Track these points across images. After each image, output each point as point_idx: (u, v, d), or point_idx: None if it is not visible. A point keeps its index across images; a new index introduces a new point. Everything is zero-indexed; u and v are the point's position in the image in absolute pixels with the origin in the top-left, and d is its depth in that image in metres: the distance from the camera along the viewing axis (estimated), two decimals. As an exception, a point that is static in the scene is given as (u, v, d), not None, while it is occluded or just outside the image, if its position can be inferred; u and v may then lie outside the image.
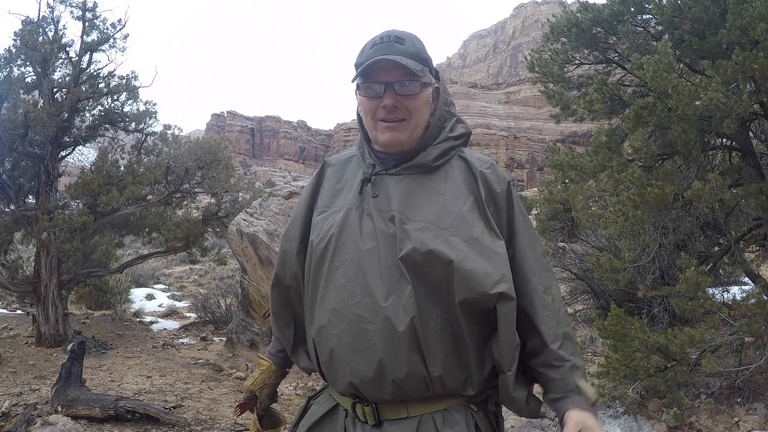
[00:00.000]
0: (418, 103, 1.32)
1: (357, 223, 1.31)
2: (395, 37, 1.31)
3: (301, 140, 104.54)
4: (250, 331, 7.21)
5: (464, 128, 1.43)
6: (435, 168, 1.35)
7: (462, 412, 1.27)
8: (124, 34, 8.53)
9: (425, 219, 1.27)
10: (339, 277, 1.29)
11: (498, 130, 75.57)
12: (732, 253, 4.14)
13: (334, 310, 1.28)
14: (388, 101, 1.30)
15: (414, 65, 1.28)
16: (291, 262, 1.45)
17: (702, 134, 3.59)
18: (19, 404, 4.76)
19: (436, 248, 1.21)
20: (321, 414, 1.37)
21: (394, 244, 1.26)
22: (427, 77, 1.33)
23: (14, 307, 10.89)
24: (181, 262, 19.75)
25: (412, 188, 1.32)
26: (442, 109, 1.39)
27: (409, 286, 1.22)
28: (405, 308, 1.21)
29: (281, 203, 6.98)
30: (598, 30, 4.27)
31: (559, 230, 10.29)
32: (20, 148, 7.34)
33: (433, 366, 1.23)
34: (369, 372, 1.23)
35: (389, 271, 1.24)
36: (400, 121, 1.31)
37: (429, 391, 1.25)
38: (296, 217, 1.48)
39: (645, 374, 3.64)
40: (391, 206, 1.30)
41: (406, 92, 1.30)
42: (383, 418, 1.27)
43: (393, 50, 1.29)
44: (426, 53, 1.35)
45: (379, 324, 1.22)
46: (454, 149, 1.38)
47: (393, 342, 1.21)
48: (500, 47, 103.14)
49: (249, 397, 1.63)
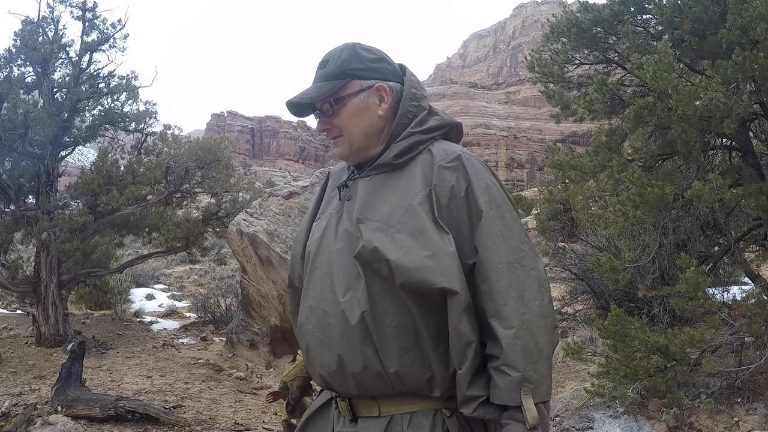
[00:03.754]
0: (342, 118, 1.38)
1: (334, 227, 1.38)
2: (322, 62, 1.40)
3: (301, 140, 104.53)
4: (250, 331, 7.21)
5: (438, 120, 1.39)
6: (399, 165, 1.35)
7: (429, 416, 1.25)
8: (124, 34, 8.53)
9: (379, 218, 1.30)
10: (316, 277, 1.37)
11: (498, 130, 75.54)
12: (732, 253, 4.13)
13: (310, 307, 1.36)
14: (319, 126, 1.43)
15: (316, 91, 1.36)
16: (297, 265, 1.52)
17: (702, 134, 3.59)
18: (19, 404, 4.76)
19: (379, 246, 1.25)
20: (319, 404, 1.43)
21: (352, 243, 1.31)
22: (350, 87, 1.36)
23: (14, 307, 10.88)
24: (181, 262, 19.76)
25: (375, 188, 1.36)
26: (408, 104, 1.38)
27: (362, 282, 1.27)
28: (359, 303, 1.26)
29: (281, 203, 6.98)
30: (598, 30, 4.27)
31: (559, 230, 10.28)
32: (20, 148, 7.33)
33: (389, 361, 1.23)
34: (332, 365, 1.29)
35: (349, 268, 1.30)
36: (338, 137, 1.40)
37: (390, 388, 1.26)
38: (303, 224, 1.56)
39: (645, 374, 3.64)
40: (355, 208, 1.35)
41: (327, 114, 1.39)
42: (358, 414, 1.31)
43: (316, 78, 1.40)
44: (354, 62, 1.36)
45: (337, 318, 1.28)
46: (422, 143, 1.36)
47: (348, 336, 1.26)
48: (500, 47, 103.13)
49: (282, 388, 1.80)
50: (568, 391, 4.34)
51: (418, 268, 1.21)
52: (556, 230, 10.27)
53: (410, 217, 1.26)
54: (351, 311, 1.26)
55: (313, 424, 1.42)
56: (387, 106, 1.38)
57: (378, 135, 1.39)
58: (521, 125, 76.14)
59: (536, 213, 11.30)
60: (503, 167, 72.08)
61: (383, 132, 1.39)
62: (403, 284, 1.22)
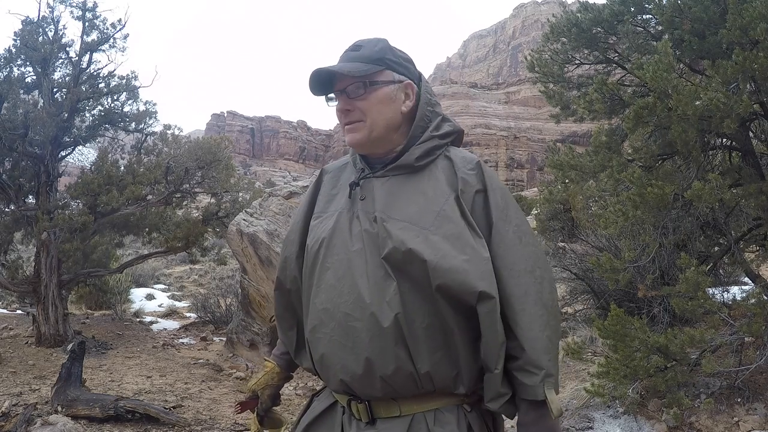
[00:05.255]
0: (370, 102, 1.35)
1: (347, 226, 1.35)
2: (355, 46, 1.39)
3: (301, 140, 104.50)
4: (250, 331, 7.21)
5: (451, 126, 1.43)
6: (419, 168, 1.37)
7: (454, 411, 1.28)
8: (124, 34, 8.55)
9: (406, 218, 1.29)
10: (329, 278, 1.33)
11: (498, 130, 75.54)
12: (732, 253, 4.13)
13: (324, 310, 1.31)
14: (340, 106, 1.38)
15: (353, 67, 1.33)
16: (291, 266, 1.49)
17: (702, 134, 3.58)
18: (19, 404, 4.76)
19: (414, 247, 1.24)
20: (320, 410, 1.40)
21: (377, 243, 1.29)
22: (384, 75, 1.36)
23: (14, 307, 10.88)
24: (181, 262, 19.77)
25: (396, 189, 1.35)
26: (425, 109, 1.41)
27: (393, 283, 1.25)
28: (390, 305, 1.24)
29: (281, 203, 6.98)
30: (598, 30, 4.27)
31: (559, 230, 10.30)
32: (20, 148, 7.33)
33: (421, 362, 1.24)
34: (358, 369, 1.26)
35: (375, 269, 1.27)
36: (357, 122, 1.37)
37: (418, 388, 1.26)
38: (296, 223, 1.52)
39: (645, 374, 3.63)
40: (375, 207, 1.33)
41: (353, 95, 1.35)
42: (376, 416, 1.29)
43: (346, 59, 1.36)
44: (386, 53, 1.38)
45: (365, 321, 1.25)
46: (439, 148, 1.40)
47: (379, 338, 1.24)
48: (500, 47, 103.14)
49: (251, 397, 1.65)
50: (568, 391, 4.34)
51: (458, 271, 1.22)
52: (556, 230, 10.28)
53: (444, 221, 1.28)
54: (382, 313, 1.24)
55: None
56: (411, 105, 1.40)
57: (396, 131, 1.39)
58: (521, 125, 76.15)
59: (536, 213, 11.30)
60: (503, 167, 72.11)
61: (400, 130, 1.40)
62: (440, 286, 1.22)
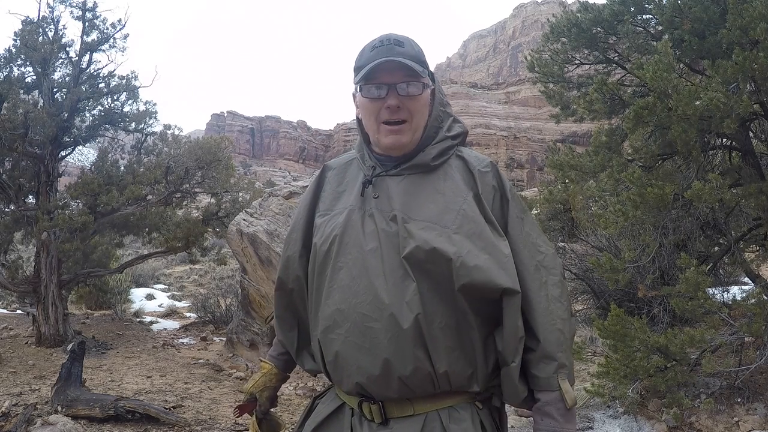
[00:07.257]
0: (419, 104, 1.33)
1: (359, 224, 1.32)
2: (395, 40, 1.32)
3: (301, 140, 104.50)
4: (250, 331, 7.21)
5: (461, 128, 1.45)
6: (434, 167, 1.36)
7: (468, 409, 1.29)
8: (124, 34, 8.56)
9: (427, 218, 1.28)
10: (343, 277, 1.30)
11: (498, 130, 75.57)
12: (732, 253, 4.13)
13: (338, 311, 1.29)
14: (392, 102, 1.30)
15: (416, 66, 1.30)
16: (294, 266, 1.46)
17: (702, 134, 3.58)
18: (19, 404, 4.76)
19: (439, 246, 1.23)
20: (327, 413, 1.38)
21: (396, 243, 1.27)
22: (426, 79, 1.34)
23: (14, 307, 10.89)
24: (181, 262, 19.77)
25: (413, 188, 1.34)
26: (439, 109, 1.41)
27: (413, 284, 1.23)
28: (409, 305, 1.22)
29: (281, 203, 6.98)
30: (598, 30, 4.27)
31: (559, 230, 10.30)
32: (20, 148, 7.33)
33: (439, 362, 1.24)
34: (375, 370, 1.24)
35: (393, 269, 1.25)
36: (402, 123, 1.32)
37: (435, 388, 1.26)
38: (297, 221, 1.49)
39: (645, 374, 3.63)
40: (393, 206, 1.31)
41: (409, 93, 1.31)
42: (390, 416, 1.28)
43: (393, 53, 1.30)
44: (423, 56, 1.37)
45: (384, 322, 1.23)
46: (452, 148, 1.41)
47: (398, 339, 1.22)
48: (500, 47, 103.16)
49: (249, 400, 1.62)
50: (568, 391, 4.34)
51: (482, 269, 1.23)
52: (556, 230, 10.28)
53: (465, 220, 1.28)
54: (402, 314, 1.22)
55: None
56: (430, 108, 1.40)
57: (423, 133, 1.39)
58: (521, 125, 76.17)
59: (536, 213, 11.30)
60: (503, 167, 72.08)
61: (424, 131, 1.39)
62: (465, 285, 1.22)
